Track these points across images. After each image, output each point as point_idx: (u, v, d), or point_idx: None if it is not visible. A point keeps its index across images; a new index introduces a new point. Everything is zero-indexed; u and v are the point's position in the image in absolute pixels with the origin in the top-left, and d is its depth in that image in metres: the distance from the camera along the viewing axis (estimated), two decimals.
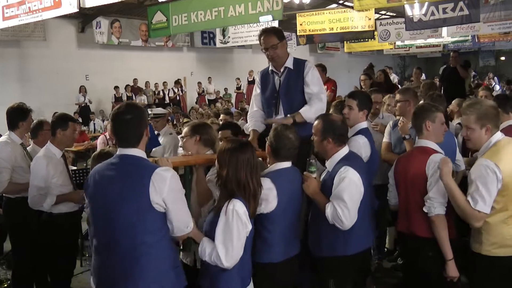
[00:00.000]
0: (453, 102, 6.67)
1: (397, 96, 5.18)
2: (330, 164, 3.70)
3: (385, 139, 5.20)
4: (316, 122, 3.79)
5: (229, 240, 3.02)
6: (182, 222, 2.98)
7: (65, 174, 4.90)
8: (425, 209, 3.56)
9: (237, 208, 3.04)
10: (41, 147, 4.91)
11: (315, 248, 3.76)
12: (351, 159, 3.67)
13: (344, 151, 3.70)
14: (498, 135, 3.49)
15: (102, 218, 2.98)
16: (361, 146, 4.10)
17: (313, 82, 4.40)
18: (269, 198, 3.34)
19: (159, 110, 6.96)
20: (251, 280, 3.28)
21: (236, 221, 3.03)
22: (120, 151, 2.98)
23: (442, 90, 9.75)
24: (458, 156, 4.82)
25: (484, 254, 3.46)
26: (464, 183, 3.76)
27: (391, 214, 4.74)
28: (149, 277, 2.88)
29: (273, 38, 4.38)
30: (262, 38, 4.43)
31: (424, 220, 3.61)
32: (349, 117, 4.23)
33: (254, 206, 3.16)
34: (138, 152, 2.97)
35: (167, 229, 2.96)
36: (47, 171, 4.66)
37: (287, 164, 3.61)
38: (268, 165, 3.71)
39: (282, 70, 4.47)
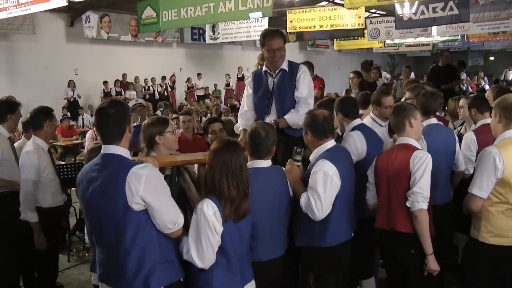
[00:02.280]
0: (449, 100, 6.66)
1: (407, 94, 5.41)
2: (312, 157, 3.79)
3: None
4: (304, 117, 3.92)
5: (198, 239, 2.98)
6: (166, 220, 2.89)
7: (52, 167, 4.86)
8: (408, 204, 3.58)
9: (204, 208, 2.98)
10: None
11: (295, 237, 3.82)
12: (332, 153, 3.71)
13: (327, 145, 3.76)
14: (511, 132, 3.64)
15: (91, 217, 3.03)
16: (357, 141, 4.22)
17: (303, 85, 4.45)
18: None
19: (141, 101, 6.94)
20: None
21: (203, 221, 2.97)
22: (103, 148, 2.98)
23: None
24: (458, 155, 4.75)
25: (481, 241, 3.64)
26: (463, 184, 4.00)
27: None
28: (134, 274, 2.87)
29: (281, 40, 4.43)
30: (269, 39, 4.41)
31: (405, 216, 3.65)
32: (336, 125, 4.35)
33: (231, 209, 3.04)
34: (119, 150, 2.95)
35: (152, 225, 2.90)
36: (39, 164, 4.64)
37: (266, 163, 3.54)
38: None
39: (277, 71, 4.49)
